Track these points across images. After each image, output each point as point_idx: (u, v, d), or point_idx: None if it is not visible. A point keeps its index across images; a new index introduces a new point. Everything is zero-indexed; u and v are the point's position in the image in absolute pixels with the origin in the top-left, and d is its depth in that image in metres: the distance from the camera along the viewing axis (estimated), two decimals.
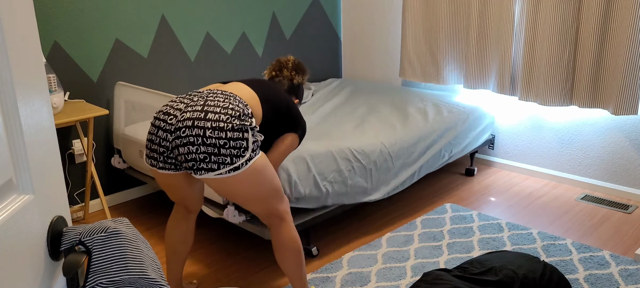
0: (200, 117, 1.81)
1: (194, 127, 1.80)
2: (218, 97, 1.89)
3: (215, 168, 1.81)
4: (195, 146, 1.80)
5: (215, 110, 1.83)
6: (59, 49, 3.00)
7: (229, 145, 1.80)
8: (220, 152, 1.80)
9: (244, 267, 2.64)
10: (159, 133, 1.89)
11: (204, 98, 1.89)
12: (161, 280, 0.95)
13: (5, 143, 0.76)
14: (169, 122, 1.86)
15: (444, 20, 3.61)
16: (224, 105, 1.85)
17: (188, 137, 1.80)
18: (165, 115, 1.89)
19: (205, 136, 1.79)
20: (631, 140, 3.16)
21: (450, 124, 3.27)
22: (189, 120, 1.81)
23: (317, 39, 4.36)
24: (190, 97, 1.93)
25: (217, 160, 1.80)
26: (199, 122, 1.80)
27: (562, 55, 3.11)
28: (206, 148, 1.79)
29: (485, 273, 2.06)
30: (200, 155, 1.80)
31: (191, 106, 1.86)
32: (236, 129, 1.81)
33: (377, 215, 3.12)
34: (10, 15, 0.77)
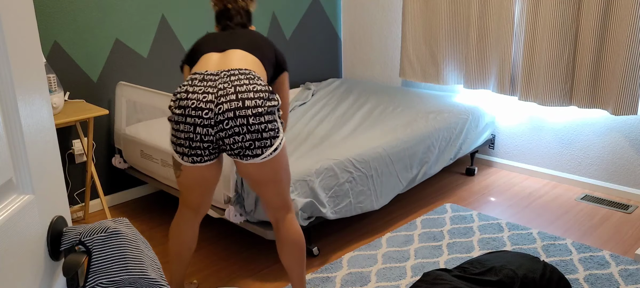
0: (239, 107, 1.85)
1: (237, 117, 1.85)
2: (242, 80, 1.89)
3: (259, 153, 1.89)
4: (241, 135, 1.86)
5: (250, 96, 1.86)
6: (59, 49, 3.00)
7: (268, 129, 1.88)
8: (262, 137, 1.88)
9: (244, 267, 2.64)
10: (198, 130, 1.88)
11: (231, 84, 1.88)
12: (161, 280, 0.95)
13: (5, 143, 0.76)
14: (205, 117, 1.86)
15: (444, 21, 3.61)
16: (254, 88, 1.88)
17: (233, 127, 1.85)
18: (199, 110, 1.87)
19: (249, 124, 1.85)
20: (631, 140, 3.16)
21: (451, 124, 3.27)
22: (229, 111, 1.84)
23: (317, 39, 4.36)
24: (214, 83, 1.89)
25: (261, 144, 1.88)
26: (240, 111, 1.84)
27: (561, 55, 3.11)
28: (251, 135, 1.87)
29: (485, 273, 2.06)
30: (246, 143, 1.87)
31: (224, 96, 1.86)
32: (270, 112, 1.89)
33: (377, 215, 3.12)
34: (10, 15, 0.77)
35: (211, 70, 1.94)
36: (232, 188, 2.45)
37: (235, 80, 1.89)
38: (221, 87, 1.88)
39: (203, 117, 1.86)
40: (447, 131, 3.24)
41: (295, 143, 2.85)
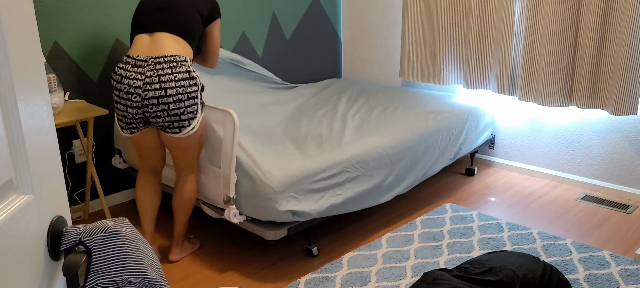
0: (162, 95, 2.25)
1: (160, 103, 2.26)
2: (165, 68, 2.26)
3: (177, 131, 2.33)
4: (162, 118, 2.29)
5: (171, 85, 2.25)
6: (59, 49, 3.00)
7: (187, 112, 2.30)
8: (181, 119, 2.30)
9: (243, 267, 2.64)
10: (129, 110, 2.31)
11: (156, 73, 2.25)
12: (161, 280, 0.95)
13: (5, 143, 0.76)
14: (134, 100, 2.28)
15: (444, 21, 3.61)
16: (175, 77, 2.26)
17: (156, 111, 2.28)
18: (129, 95, 2.28)
19: (170, 110, 2.27)
20: (631, 141, 3.16)
21: (451, 124, 3.27)
22: (154, 99, 2.25)
23: (317, 39, 4.36)
24: (142, 70, 2.27)
25: (180, 125, 2.31)
26: (162, 99, 2.25)
27: (561, 55, 3.11)
28: (171, 118, 2.29)
29: (485, 273, 2.06)
30: (166, 123, 2.30)
31: (150, 85, 2.25)
32: (190, 97, 2.29)
33: (377, 215, 3.12)
34: (10, 15, 0.77)
35: (141, 55, 2.31)
36: (231, 188, 2.45)
37: (160, 69, 2.26)
38: (148, 74, 2.26)
39: (133, 100, 2.28)
40: (447, 131, 3.23)
41: (295, 143, 2.85)
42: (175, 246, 2.67)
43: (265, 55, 4.02)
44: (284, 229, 2.47)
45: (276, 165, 2.48)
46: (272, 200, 2.37)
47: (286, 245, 2.82)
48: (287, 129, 3.07)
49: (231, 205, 2.48)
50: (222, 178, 2.49)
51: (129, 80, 2.28)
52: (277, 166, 2.47)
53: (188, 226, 3.08)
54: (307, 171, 2.49)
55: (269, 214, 2.41)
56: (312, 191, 2.50)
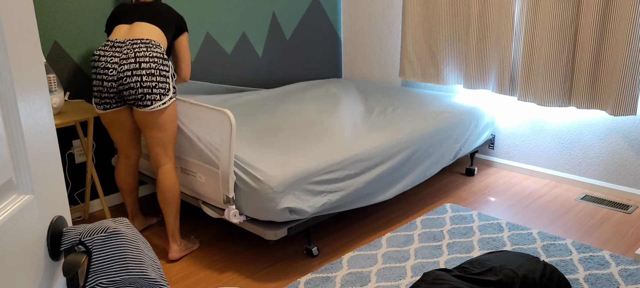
0: (136, 67, 2.43)
1: (133, 75, 2.43)
2: (141, 47, 2.46)
3: (149, 104, 2.47)
4: (135, 89, 2.44)
5: (145, 60, 2.44)
6: (59, 49, 3.00)
7: (158, 86, 2.46)
8: (152, 92, 2.45)
9: (243, 267, 2.64)
10: (105, 84, 2.48)
11: (133, 50, 2.45)
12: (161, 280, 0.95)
13: (5, 143, 0.76)
14: (110, 74, 2.46)
15: (443, 20, 3.61)
16: (150, 54, 2.45)
17: (129, 83, 2.44)
18: (105, 70, 2.47)
19: (142, 81, 2.44)
20: (631, 141, 3.16)
21: (451, 124, 3.27)
22: (128, 71, 2.43)
23: (317, 39, 4.36)
24: (120, 49, 2.48)
25: (151, 97, 2.46)
26: (136, 71, 2.43)
27: (561, 55, 3.11)
28: (143, 89, 2.44)
29: (485, 273, 2.06)
30: (139, 96, 2.45)
31: (125, 58, 2.44)
32: (162, 74, 2.48)
33: (377, 215, 3.12)
34: (10, 15, 0.77)
35: (120, 38, 2.52)
36: (231, 188, 2.45)
37: (136, 48, 2.47)
38: (125, 52, 2.46)
39: (108, 74, 2.46)
40: (447, 131, 3.23)
41: (294, 143, 2.85)
42: (173, 243, 2.68)
43: (265, 55, 4.02)
44: (284, 229, 2.47)
45: (276, 165, 2.48)
46: (272, 201, 2.37)
47: (286, 245, 2.82)
48: (286, 129, 3.07)
49: (231, 205, 2.48)
50: (221, 179, 2.49)
51: (106, 57, 2.49)
52: (276, 166, 2.47)
53: (188, 226, 3.08)
54: (306, 171, 2.49)
55: (269, 214, 2.41)
56: (312, 190, 2.50)
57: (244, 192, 2.47)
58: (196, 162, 2.66)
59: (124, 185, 2.84)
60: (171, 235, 2.67)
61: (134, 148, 2.76)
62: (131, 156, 2.78)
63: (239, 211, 2.50)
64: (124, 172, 2.81)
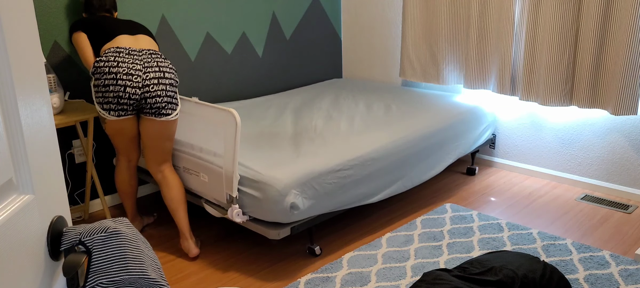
0: (161, 76, 2.49)
1: (160, 83, 2.49)
2: (159, 58, 2.53)
3: (170, 113, 2.54)
4: (161, 97, 2.49)
5: (167, 70, 2.52)
6: (59, 49, 3.00)
7: (175, 97, 2.57)
8: (172, 102, 2.55)
9: (245, 266, 2.64)
10: (128, 90, 2.44)
11: (153, 59, 2.50)
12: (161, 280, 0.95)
13: (5, 143, 0.76)
14: (135, 80, 2.44)
15: (444, 21, 3.61)
16: (168, 65, 2.54)
17: (156, 90, 2.47)
18: (130, 75, 2.44)
19: (167, 90, 2.51)
20: (631, 141, 3.16)
21: (451, 124, 3.27)
22: (154, 79, 2.47)
23: (317, 39, 4.36)
24: (139, 57, 2.48)
25: (172, 107, 2.55)
26: (162, 80, 2.49)
27: (562, 55, 3.11)
28: (168, 98, 2.52)
29: (485, 273, 2.06)
30: (162, 104, 2.50)
31: (149, 66, 2.48)
32: (176, 85, 2.58)
33: (377, 215, 3.12)
34: (10, 15, 0.77)
35: (131, 47, 2.52)
36: (234, 188, 2.45)
37: (156, 57, 2.52)
38: (147, 59, 2.49)
39: (133, 81, 2.44)
40: (448, 131, 3.23)
41: (295, 143, 2.85)
42: (190, 240, 2.69)
43: (265, 56, 4.02)
44: (287, 229, 2.47)
45: (280, 167, 2.48)
46: (278, 202, 2.37)
47: (287, 244, 2.82)
48: (288, 130, 3.08)
49: (234, 204, 2.48)
50: (225, 178, 2.49)
51: (127, 64, 2.45)
52: (280, 168, 2.47)
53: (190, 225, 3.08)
54: (310, 172, 2.49)
55: (275, 215, 2.41)
56: (315, 190, 2.50)
57: (248, 195, 2.47)
58: (199, 162, 2.66)
59: (125, 188, 2.82)
60: (186, 233, 2.68)
61: (136, 151, 2.76)
62: (132, 158, 2.78)
63: (242, 211, 2.51)
64: (126, 174, 2.79)
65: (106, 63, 2.44)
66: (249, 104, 3.66)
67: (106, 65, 2.44)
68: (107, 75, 2.43)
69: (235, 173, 2.43)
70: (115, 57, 2.45)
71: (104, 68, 2.44)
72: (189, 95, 3.60)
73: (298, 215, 2.45)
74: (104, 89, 2.45)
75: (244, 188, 2.47)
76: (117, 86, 2.43)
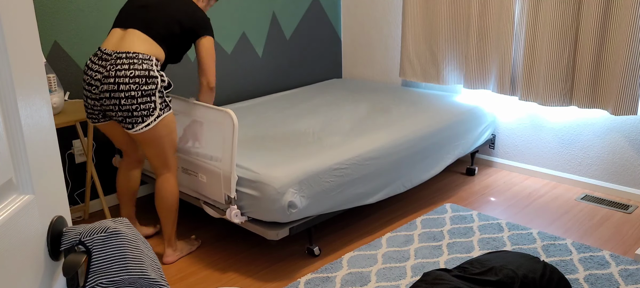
0: (114, 89, 2.31)
1: (112, 97, 2.33)
2: (125, 63, 2.31)
3: (130, 127, 2.37)
4: (115, 112, 2.35)
5: (125, 81, 2.30)
6: (59, 49, 3.00)
7: (140, 108, 2.33)
8: (133, 115, 2.33)
9: (244, 267, 2.64)
10: (89, 101, 2.43)
11: (114, 68, 2.31)
12: (161, 280, 0.95)
13: (5, 143, 0.76)
14: (93, 92, 2.39)
15: (444, 21, 3.61)
16: (131, 74, 2.30)
17: (108, 105, 2.35)
18: (90, 86, 2.39)
19: (121, 105, 2.32)
20: (631, 141, 3.16)
21: (451, 124, 3.27)
22: (106, 93, 2.33)
23: (317, 39, 4.36)
24: (105, 64, 2.35)
25: (132, 121, 2.35)
26: (114, 93, 2.31)
27: (561, 55, 3.11)
28: (123, 113, 2.34)
29: (485, 273, 2.06)
30: (119, 117, 2.36)
31: (106, 79, 2.32)
32: (145, 94, 2.32)
33: (377, 215, 3.12)
34: (10, 15, 0.77)
35: (108, 49, 2.38)
36: (232, 188, 2.45)
37: (118, 64, 2.32)
38: (108, 68, 2.33)
39: (91, 91, 2.40)
40: (447, 131, 3.23)
41: (294, 142, 2.85)
42: (167, 247, 2.66)
43: (265, 55, 4.02)
44: (286, 229, 2.47)
45: (278, 166, 2.48)
46: (276, 201, 2.37)
47: (286, 245, 2.82)
48: (287, 130, 3.08)
49: (232, 205, 2.48)
50: (223, 179, 2.49)
51: (92, 72, 2.40)
52: (278, 167, 2.47)
53: (188, 226, 3.08)
54: (309, 171, 2.49)
55: (273, 215, 2.41)
56: (313, 189, 2.50)
57: (247, 195, 2.47)
58: (198, 162, 2.66)
59: (125, 190, 2.75)
60: (167, 240, 2.65)
61: (137, 152, 2.71)
62: (134, 159, 2.73)
63: (241, 211, 2.50)
64: (126, 176, 2.73)
65: (85, 66, 2.45)
66: (248, 104, 3.66)
67: (85, 68, 2.45)
68: (83, 78, 2.45)
69: (233, 174, 2.43)
70: (89, 62, 2.42)
71: (84, 70, 2.48)
72: (189, 95, 3.60)
73: (296, 214, 2.45)
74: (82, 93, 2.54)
75: (242, 188, 2.47)
76: (84, 95, 2.47)
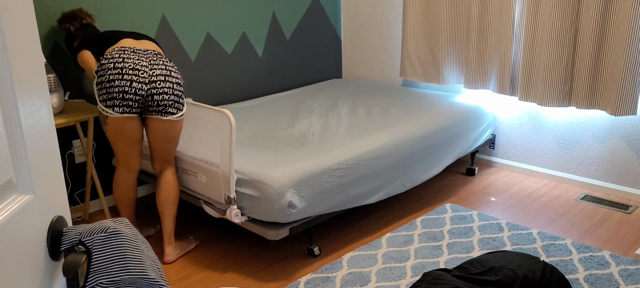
0: (168, 74, 2.45)
1: (167, 80, 2.44)
2: (164, 59, 2.50)
3: (175, 112, 2.49)
4: (168, 95, 2.44)
5: (174, 69, 2.49)
6: (59, 49, 3.00)
7: (181, 95, 2.52)
8: (179, 101, 2.50)
9: (244, 267, 2.64)
10: (134, 85, 2.38)
11: (158, 58, 2.47)
12: (161, 280, 0.95)
13: (5, 143, 0.76)
14: (141, 75, 2.39)
15: (444, 21, 3.61)
16: (174, 66, 2.51)
17: (163, 87, 2.42)
18: (136, 70, 2.39)
19: (174, 88, 2.47)
20: (631, 141, 3.16)
21: (451, 124, 3.27)
22: (161, 75, 2.42)
23: (317, 39, 4.36)
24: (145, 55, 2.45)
25: (178, 106, 2.50)
26: (168, 77, 2.45)
27: (561, 56, 3.11)
28: (175, 97, 2.47)
29: (485, 273, 2.06)
30: (169, 102, 2.46)
31: (155, 64, 2.44)
32: (182, 85, 2.54)
33: (377, 215, 3.12)
34: (10, 15, 0.77)
35: (137, 47, 2.48)
36: (232, 188, 2.45)
37: (161, 57, 2.49)
38: (152, 57, 2.46)
39: (139, 75, 2.39)
40: (447, 131, 3.23)
41: (294, 143, 2.85)
42: (168, 245, 2.66)
43: (265, 56, 4.02)
44: (286, 229, 2.47)
45: (279, 167, 2.48)
46: (275, 201, 2.38)
47: (286, 245, 2.82)
48: (287, 131, 3.08)
49: (232, 205, 2.48)
50: (222, 179, 2.49)
51: (132, 60, 2.41)
52: (278, 168, 2.47)
53: (188, 226, 3.08)
54: (309, 171, 2.49)
55: (273, 215, 2.41)
56: (312, 189, 2.50)
57: (246, 193, 2.47)
58: (197, 162, 2.66)
59: (123, 199, 2.72)
60: (167, 237, 2.65)
61: (136, 159, 2.65)
62: (132, 169, 2.66)
63: (241, 211, 2.51)
64: (124, 186, 2.68)
65: (111, 60, 2.39)
66: (248, 104, 3.66)
67: (111, 61, 2.38)
68: (112, 70, 2.36)
69: (232, 174, 2.43)
70: (120, 54, 2.41)
71: (108, 64, 2.38)
72: (189, 95, 3.61)
73: (296, 214, 2.45)
74: (109, 85, 2.36)
75: (242, 188, 2.47)
76: (123, 81, 2.36)
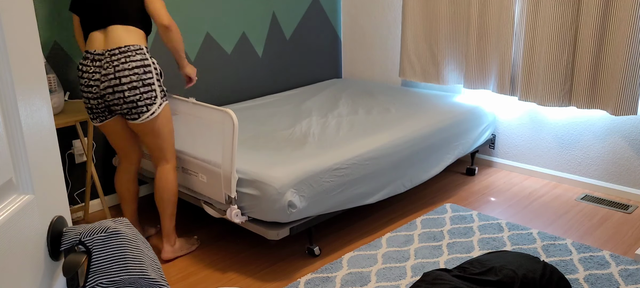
0: (116, 84, 2.39)
1: (115, 92, 2.40)
2: (121, 58, 2.38)
3: (137, 117, 2.45)
4: (119, 105, 2.42)
5: (125, 74, 2.38)
6: (59, 49, 3.00)
7: (143, 99, 2.42)
8: (138, 105, 2.42)
9: (244, 267, 2.64)
10: (91, 102, 2.47)
11: (112, 64, 2.38)
12: (161, 280, 0.95)
13: (5, 143, 0.76)
14: (94, 92, 2.44)
15: (444, 21, 3.61)
16: (129, 66, 2.38)
17: (113, 100, 2.41)
18: (89, 88, 2.44)
19: (125, 97, 2.40)
20: (631, 141, 3.16)
21: (451, 124, 3.27)
22: (109, 88, 2.40)
23: (317, 39, 4.36)
24: (100, 64, 2.41)
25: (137, 111, 2.43)
26: (117, 87, 2.39)
27: (561, 55, 3.11)
28: (128, 105, 2.41)
29: (485, 273, 2.06)
30: (124, 110, 2.43)
31: (106, 76, 2.39)
32: (146, 84, 2.41)
33: (377, 215, 3.12)
34: (10, 15, 0.77)
35: (98, 49, 2.42)
36: (233, 188, 2.45)
37: (115, 60, 2.38)
38: (105, 66, 2.40)
39: (92, 91, 2.44)
40: (447, 131, 3.23)
41: (294, 143, 2.85)
42: (166, 243, 2.67)
43: (265, 56, 4.02)
44: (286, 229, 2.47)
45: (279, 167, 2.48)
46: (276, 201, 2.38)
47: (286, 245, 2.82)
48: (287, 131, 3.08)
49: (233, 205, 2.48)
50: (223, 179, 2.49)
51: (88, 74, 2.44)
52: (279, 167, 2.47)
53: (189, 226, 3.08)
54: (309, 171, 2.49)
55: (273, 214, 2.41)
56: (312, 189, 2.50)
57: (247, 193, 2.47)
58: (198, 162, 2.66)
59: (124, 193, 2.76)
60: (166, 235, 2.65)
61: (136, 152, 2.72)
62: (133, 160, 2.73)
63: (241, 211, 2.51)
64: (125, 177, 2.73)
65: (79, 71, 2.47)
66: (248, 104, 3.66)
67: (79, 73, 2.48)
68: (80, 82, 2.48)
69: (233, 174, 2.43)
70: (83, 65, 2.45)
71: (78, 75, 2.49)
72: (188, 95, 3.60)
73: (296, 214, 2.45)
74: (82, 97, 2.52)
75: (243, 188, 2.47)
76: (85, 97, 2.49)
